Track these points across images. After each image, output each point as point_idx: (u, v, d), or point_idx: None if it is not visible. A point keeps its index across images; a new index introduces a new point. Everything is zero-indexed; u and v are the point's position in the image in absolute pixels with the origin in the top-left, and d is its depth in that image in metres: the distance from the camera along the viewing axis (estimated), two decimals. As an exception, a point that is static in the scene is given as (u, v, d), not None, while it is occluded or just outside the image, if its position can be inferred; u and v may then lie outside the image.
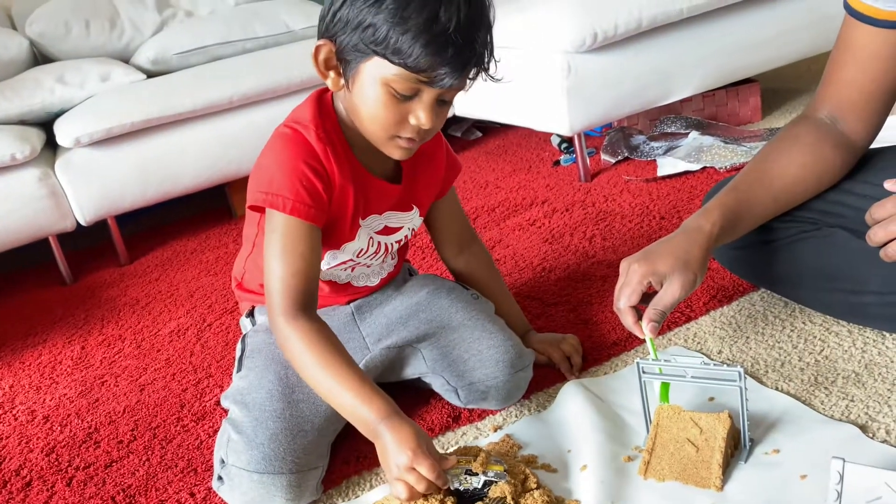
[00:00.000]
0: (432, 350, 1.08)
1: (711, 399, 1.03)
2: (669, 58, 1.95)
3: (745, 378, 0.88)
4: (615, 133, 2.12)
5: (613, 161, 2.03)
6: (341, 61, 0.89)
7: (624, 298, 1.00)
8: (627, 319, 1.00)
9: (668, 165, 1.89)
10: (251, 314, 1.17)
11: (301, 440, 0.94)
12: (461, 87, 0.90)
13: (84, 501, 1.06)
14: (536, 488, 0.88)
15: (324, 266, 1.04)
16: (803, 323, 1.16)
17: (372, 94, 0.88)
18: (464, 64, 0.86)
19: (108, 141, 1.96)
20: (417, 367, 1.10)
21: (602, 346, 1.20)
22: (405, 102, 0.88)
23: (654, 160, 1.97)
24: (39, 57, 2.33)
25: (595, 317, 1.29)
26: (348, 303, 1.14)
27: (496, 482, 0.86)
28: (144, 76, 2.18)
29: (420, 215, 1.11)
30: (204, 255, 2.02)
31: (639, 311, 1.01)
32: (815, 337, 1.12)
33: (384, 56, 0.84)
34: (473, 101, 2.17)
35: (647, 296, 1.02)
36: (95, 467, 1.14)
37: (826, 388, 1.01)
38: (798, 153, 1.09)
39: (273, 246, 0.92)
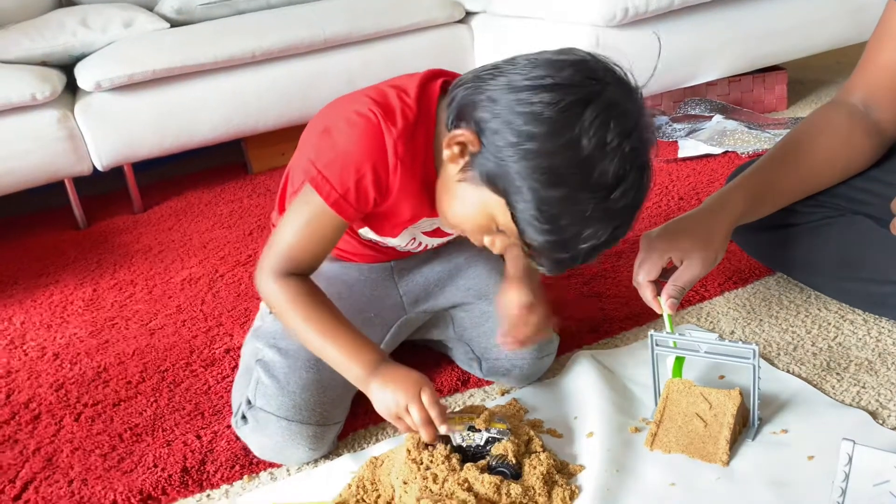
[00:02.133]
0: (464, 318, 1.08)
1: (722, 377, 1.02)
2: (698, 39, 1.93)
3: (759, 356, 0.88)
4: (638, 112, 2.10)
5: (634, 140, 2.01)
6: (471, 162, 0.78)
7: (644, 273, 1.00)
8: (646, 294, 1.00)
9: (689, 147, 1.88)
10: None
11: (330, 393, 0.94)
12: None
13: (91, 437, 1.07)
14: (542, 451, 0.88)
15: (363, 234, 1.01)
16: (818, 309, 1.15)
17: (472, 207, 0.80)
18: (565, 269, 0.82)
19: (128, 87, 1.95)
20: (444, 332, 1.10)
21: (613, 320, 1.20)
22: (492, 229, 0.82)
23: (676, 141, 1.96)
24: (63, -1, 2.32)
25: (608, 290, 1.29)
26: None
27: (499, 440, 0.87)
28: (168, 25, 2.16)
29: None
30: (218, 208, 2.02)
31: (657, 285, 1.00)
32: (829, 323, 1.11)
33: (511, 211, 0.76)
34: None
35: (666, 271, 1.01)
36: (103, 405, 1.15)
37: (838, 373, 1.00)
38: (828, 137, 1.08)
39: (297, 214, 0.88)
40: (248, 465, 0.97)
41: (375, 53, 2.13)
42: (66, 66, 2.08)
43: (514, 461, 0.85)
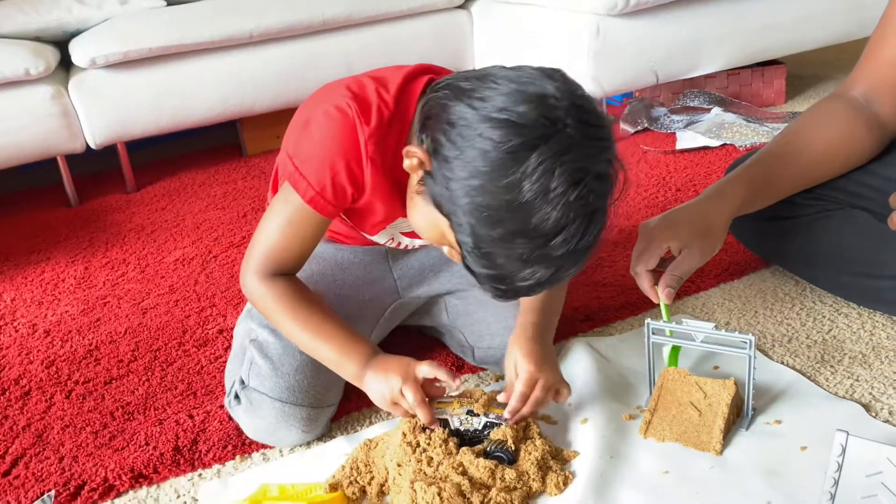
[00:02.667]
0: (457, 305, 1.07)
1: (716, 368, 1.03)
2: (699, 30, 1.92)
3: (755, 347, 0.88)
4: (636, 103, 2.10)
5: (632, 131, 2.01)
6: (424, 178, 0.77)
7: (642, 263, 0.99)
8: (644, 283, 0.99)
9: (687, 139, 1.87)
10: None
11: (324, 376, 0.94)
12: None
13: (83, 414, 1.06)
14: (538, 437, 0.88)
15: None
16: (813, 302, 1.15)
17: (426, 221, 0.79)
18: (508, 300, 0.79)
19: (124, 65, 1.93)
20: (438, 318, 1.10)
21: (609, 309, 1.20)
22: (445, 242, 0.80)
23: (674, 133, 1.95)
24: (59, -26, 2.28)
25: (604, 280, 1.28)
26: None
27: (498, 425, 0.86)
28: (164, 2, 2.14)
29: None
30: (212, 189, 2.01)
31: (654, 274, 1.00)
32: (824, 317, 1.12)
33: (455, 235, 0.74)
34: (491, 61, 2.15)
35: (663, 260, 1.01)
36: (95, 383, 1.14)
37: (832, 366, 1.01)
38: (829, 130, 1.08)
39: (278, 213, 0.87)
40: (240, 445, 0.97)
41: (374, 37, 2.12)
42: (61, 43, 2.05)
43: (513, 447, 0.85)
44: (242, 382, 0.95)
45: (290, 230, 0.87)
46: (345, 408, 1.02)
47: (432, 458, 0.83)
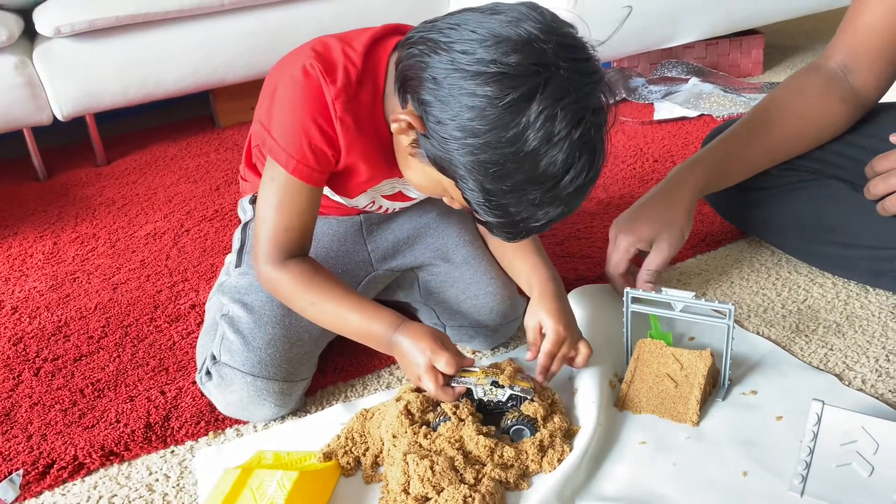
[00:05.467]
0: (429, 281, 1.06)
1: (692, 339, 1.03)
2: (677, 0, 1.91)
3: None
4: (614, 73, 2.08)
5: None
6: (418, 140, 0.76)
7: (612, 267, 1.02)
8: (619, 286, 1.00)
9: (665, 110, 1.86)
10: (256, 200, 1.11)
11: (297, 350, 0.93)
12: None
13: (52, 392, 1.04)
14: (559, 414, 0.86)
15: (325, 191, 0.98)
16: (789, 272, 1.16)
17: (426, 180, 0.79)
18: (520, 240, 0.80)
19: (90, 34, 1.87)
20: (411, 295, 1.08)
21: (585, 280, 1.19)
22: (448, 194, 0.81)
23: (652, 104, 1.94)
24: (21, -61, 2.20)
25: (581, 251, 1.28)
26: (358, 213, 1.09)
27: (524, 399, 0.85)
28: (132, -31, 2.07)
29: None
30: (184, 162, 1.97)
31: (632, 266, 1.02)
32: (799, 286, 1.12)
33: (461, 192, 0.75)
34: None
35: (640, 251, 1.02)
36: (64, 360, 1.12)
37: (807, 336, 1.01)
38: (802, 105, 1.07)
39: (270, 195, 0.85)
40: (213, 421, 0.95)
41: (348, 4, 2.07)
42: (25, 11, 1.99)
43: (541, 424, 0.84)
44: (214, 358, 0.93)
45: (283, 209, 0.85)
46: (319, 382, 1.00)
47: (429, 433, 0.82)
